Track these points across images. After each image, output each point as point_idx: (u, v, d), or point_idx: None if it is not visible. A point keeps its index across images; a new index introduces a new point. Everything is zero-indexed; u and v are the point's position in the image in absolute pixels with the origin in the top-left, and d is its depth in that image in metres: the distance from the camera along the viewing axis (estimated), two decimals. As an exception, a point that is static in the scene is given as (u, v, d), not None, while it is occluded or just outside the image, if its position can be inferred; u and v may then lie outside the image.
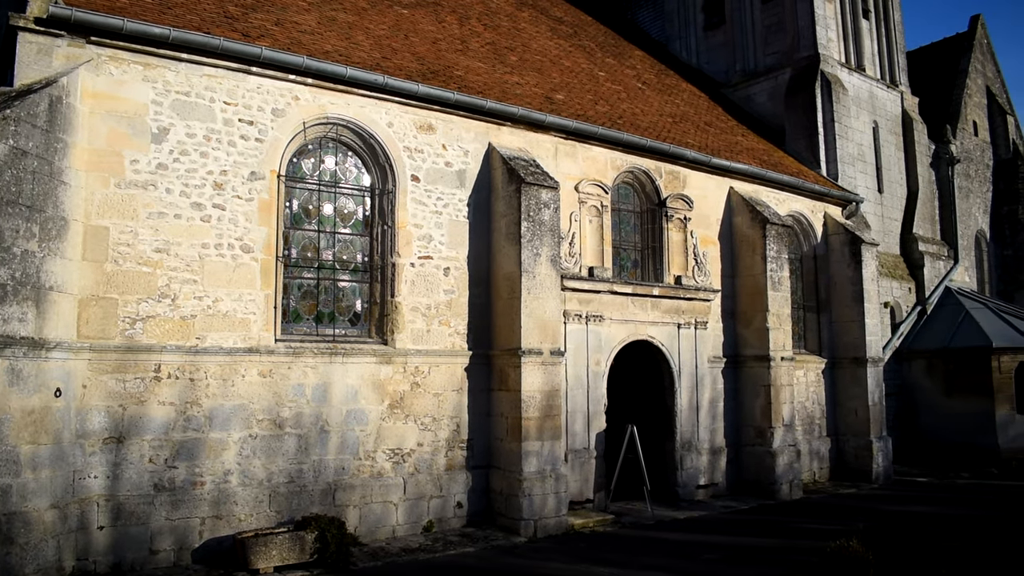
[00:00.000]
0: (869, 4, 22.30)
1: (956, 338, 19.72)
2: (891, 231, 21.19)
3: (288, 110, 10.81)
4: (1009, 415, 18.84)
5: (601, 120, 14.37)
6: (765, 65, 21.45)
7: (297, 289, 11.05)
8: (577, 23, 20.59)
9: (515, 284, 11.98)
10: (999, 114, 26.24)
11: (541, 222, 12.21)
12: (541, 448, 11.76)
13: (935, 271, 21.55)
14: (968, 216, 23.83)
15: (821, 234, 18.12)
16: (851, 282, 17.69)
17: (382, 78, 11.37)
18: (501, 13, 17.95)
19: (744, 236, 15.98)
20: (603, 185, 14.02)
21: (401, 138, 11.84)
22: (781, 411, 15.29)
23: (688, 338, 14.82)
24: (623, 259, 14.76)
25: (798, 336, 17.39)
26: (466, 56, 14.29)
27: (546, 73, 15.65)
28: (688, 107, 18.68)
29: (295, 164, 11.15)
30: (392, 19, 14.22)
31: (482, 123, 12.68)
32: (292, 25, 11.75)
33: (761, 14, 21.77)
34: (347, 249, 11.54)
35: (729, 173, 16.13)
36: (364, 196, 11.75)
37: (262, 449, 10.17)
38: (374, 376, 11.18)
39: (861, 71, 21.27)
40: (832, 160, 19.42)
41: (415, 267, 11.74)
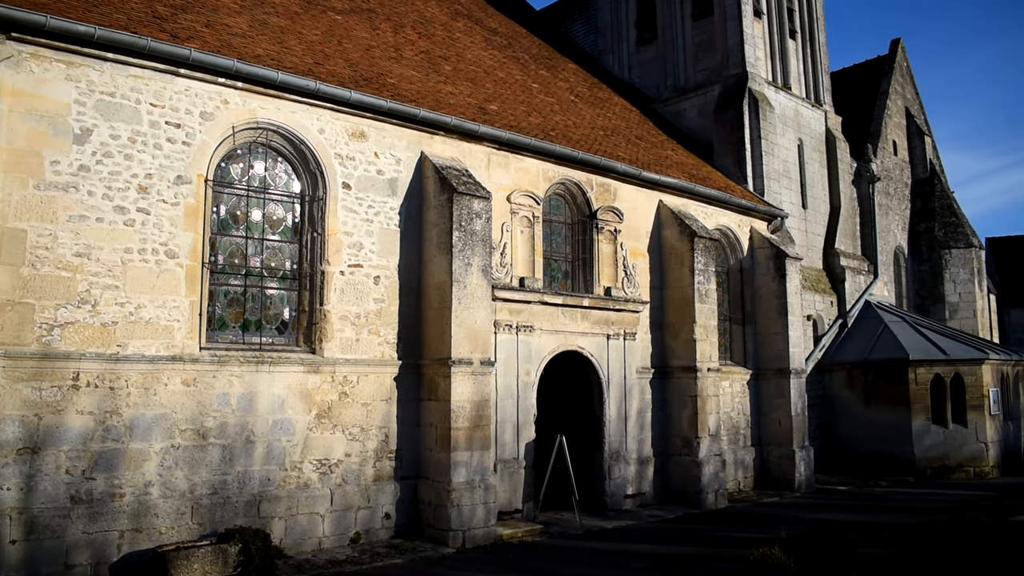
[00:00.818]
0: (795, 25, 22.94)
1: (875, 350, 20.34)
2: (814, 246, 21.77)
3: (217, 114, 10.62)
4: (925, 425, 19.49)
5: (534, 132, 14.46)
6: (695, 81, 21.87)
7: (223, 296, 10.84)
8: (512, 35, 20.71)
9: (446, 294, 11.96)
10: (917, 135, 27.21)
11: (473, 232, 12.22)
12: (470, 458, 11.74)
13: (856, 285, 22.21)
14: (887, 232, 24.62)
15: (747, 248, 18.52)
16: (776, 295, 18.12)
17: (314, 84, 11.26)
18: (436, 22, 17.94)
19: (673, 249, 16.24)
20: (535, 196, 14.10)
21: (333, 145, 11.73)
22: (707, 421, 15.55)
23: (617, 349, 14.98)
24: (554, 270, 14.85)
25: (724, 348, 17.72)
26: (400, 64, 14.24)
27: (480, 83, 15.69)
28: (620, 121, 18.93)
29: (223, 169, 10.95)
30: (325, 25, 14.10)
31: (415, 132, 12.64)
32: (223, 27, 11.56)
33: (692, 31, 22.21)
34: (276, 256, 11.37)
35: (659, 187, 16.38)
36: (294, 203, 11.60)
37: (185, 460, 9.93)
38: (301, 385, 11.02)
39: (787, 90, 21.84)
40: (759, 176, 19.88)
41: (345, 275, 11.63)
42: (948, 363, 19.62)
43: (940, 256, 25.65)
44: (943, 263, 25.59)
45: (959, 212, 26.34)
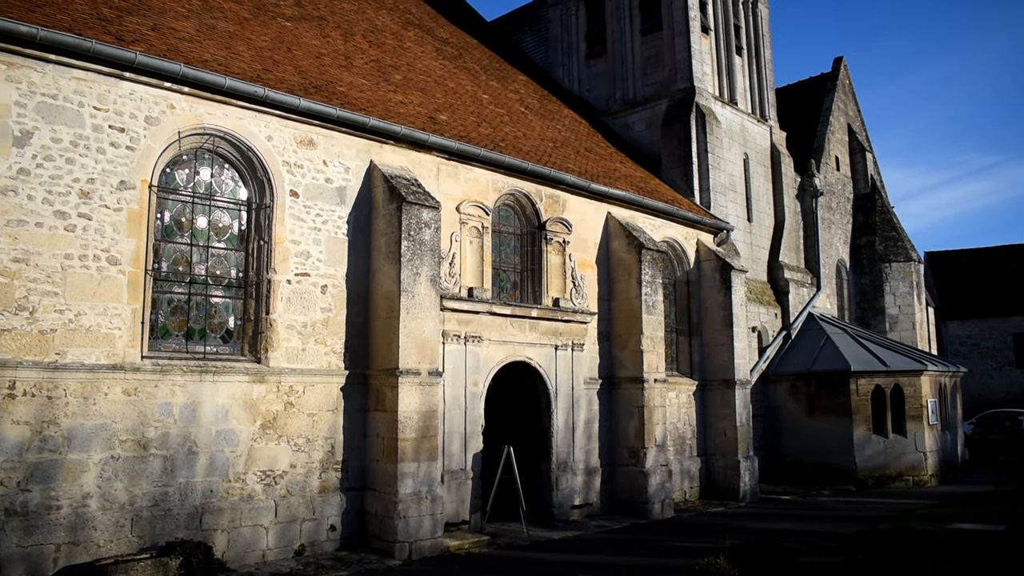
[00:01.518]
0: (742, 42, 23.36)
1: (818, 362, 20.72)
2: (759, 259, 22.12)
3: (163, 118, 10.45)
4: (866, 435, 19.88)
5: (484, 142, 14.49)
6: (644, 95, 22.12)
7: (167, 304, 10.65)
8: (463, 45, 20.74)
9: (394, 303, 11.90)
10: (859, 151, 27.85)
11: (422, 242, 12.19)
12: (417, 469, 11.67)
13: (799, 297, 22.61)
14: (830, 246, 25.12)
15: (694, 260, 18.75)
16: (721, 307, 18.36)
17: (262, 90, 11.15)
18: (387, 31, 17.90)
19: (621, 260, 16.37)
20: (484, 207, 14.12)
21: (281, 152, 11.62)
22: (654, 432, 15.67)
23: (565, 360, 15.04)
24: (503, 280, 14.87)
25: (671, 359, 17.90)
26: (350, 72, 14.18)
27: (430, 93, 15.68)
28: (569, 133, 19.06)
29: (168, 175, 10.77)
30: (275, 31, 13.97)
31: (364, 140, 12.58)
32: (170, 31, 11.39)
33: (641, 46, 22.47)
34: (221, 264, 11.20)
35: (607, 199, 16.52)
36: (240, 210, 11.45)
37: (125, 471, 9.71)
38: (246, 395, 10.86)
39: (734, 105, 22.21)
40: (705, 189, 20.16)
41: (292, 284, 11.50)
42: (888, 374, 20.06)
43: (881, 269, 26.24)
44: (883, 276, 26.18)
45: (899, 227, 27.00)
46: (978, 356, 41.11)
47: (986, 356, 41.33)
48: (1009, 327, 41.12)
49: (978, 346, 41.61)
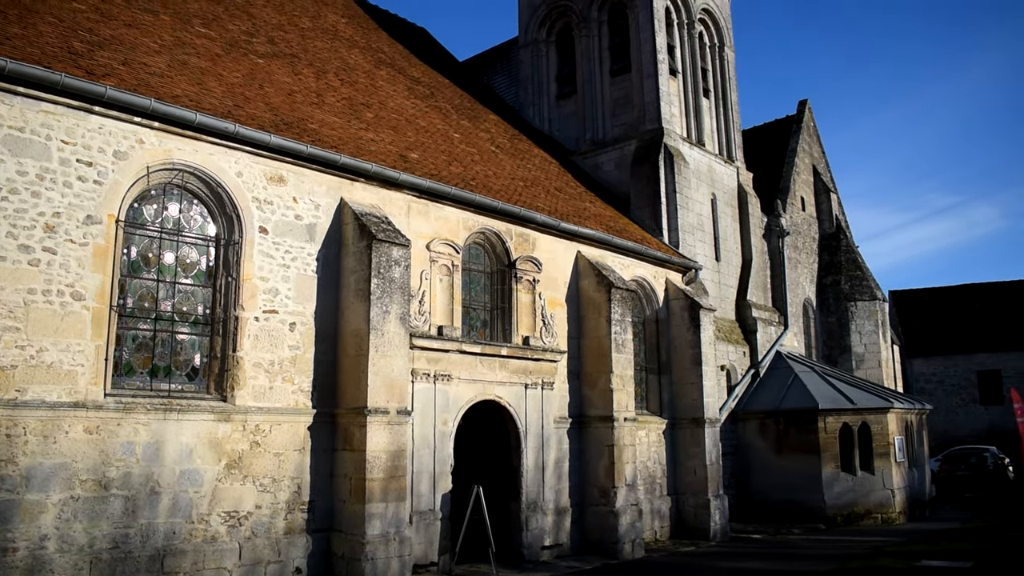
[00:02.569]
0: (709, 84, 23.75)
1: (786, 400, 20.82)
2: (727, 297, 22.30)
3: (131, 153, 10.37)
4: (834, 473, 19.95)
5: (455, 181, 14.53)
6: (613, 136, 22.36)
7: (132, 341, 10.48)
8: (434, 84, 20.89)
9: (363, 341, 11.82)
10: (824, 191, 28.29)
11: (391, 279, 12.15)
12: (385, 510, 11.51)
13: (767, 336, 22.78)
14: (797, 285, 25.39)
15: (663, 299, 18.85)
16: (690, 345, 18.44)
17: (233, 126, 11.12)
18: (359, 70, 17.99)
19: (590, 299, 16.42)
20: (455, 245, 14.13)
21: (250, 188, 11.56)
22: (624, 471, 15.62)
23: (535, 398, 14.99)
24: (473, 319, 14.84)
25: (641, 397, 17.90)
26: (321, 110, 14.20)
27: (402, 131, 15.74)
28: (539, 172, 19.19)
29: (136, 209, 10.67)
30: (247, 68, 13.99)
31: (335, 178, 12.57)
32: (140, 66, 11.36)
33: (610, 87, 22.77)
34: (188, 300, 11.07)
35: (577, 237, 16.60)
36: (209, 246, 11.35)
37: (84, 512, 9.48)
38: (211, 434, 10.68)
39: (701, 146, 22.51)
40: (674, 228, 20.33)
41: (259, 321, 11.39)
42: (856, 412, 20.20)
43: (846, 308, 26.54)
44: (849, 315, 26.47)
45: (864, 266, 27.37)
46: (943, 393, 41.63)
47: (951, 393, 41.86)
48: (973, 364, 41.73)
49: (943, 383, 42.16)
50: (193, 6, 15.19)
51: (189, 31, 13.98)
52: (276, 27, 17.11)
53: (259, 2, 17.89)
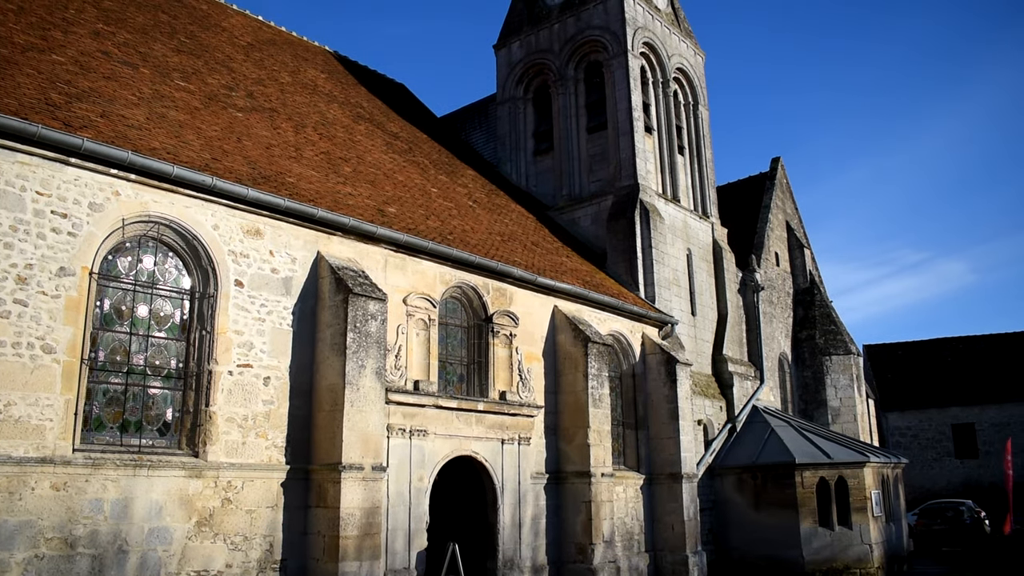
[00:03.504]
0: (684, 141, 24.12)
1: (763, 454, 20.77)
2: (703, 352, 22.35)
3: (107, 205, 10.32)
4: (812, 528, 19.83)
5: (432, 235, 14.57)
6: (590, 191, 22.57)
7: (102, 395, 10.31)
8: (413, 140, 21.05)
9: (338, 396, 11.70)
10: (797, 247, 28.61)
11: (368, 334, 12.09)
12: (359, 568, 11.29)
13: (743, 390, 22.80)
14: (772, 339, 25.51)
15: (639, 353, 18.87)
16: (667, 400, 18.41)
17: (210, 179, 11.12)
18: (338, 124, 18.11)
19: (567, 354, 16.40)
20: (431, 299, 14.11)
21: (227, 241, 11.52)
22: (601, 528, 15.45)
23: (512, 454, 14.86)
24: (449, 373, 14.76)
25: (618, 452, 17.80)
26: (299, 164, 14.25)
27: (379, 186, 15.80)
28: (516, 227, 19.29)
29: (110, 262, 10.58)
30: (226, 121, 14.04)
31: (312, 231, 12.56)
32: (119, 118, 11.37)
33: (587, 144, 23.06)
34: (161, 354, 10.94)
35: (554, 292, 16.64)
36: (183, 299, 11.26)
37: (50, 571, 9.20)
38: (182, 491, 10.47)
39: (676, 202, 22.76)
40: (650, 283, 20.44)
41: (233, 375, 11.26)
42: (832, 466, 20.17)
43: (821, 362, 26.66)
44: (824, 369, 26.59)
45: (838, 321, 27.58)
46: (918, 447, 41.74)
47: (926, 447, 41.98)
48: (947, 418, 41.94)
49: (918, 437, 42.30)
50: (173, 60, 15.29)
51: (168, 84, 14.05)
52: (256, 81, 17.24)
53: (239, 57, 18.05)
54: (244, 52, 18.62)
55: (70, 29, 13.67)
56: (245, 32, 20.04)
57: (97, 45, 13.74)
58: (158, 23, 16.67)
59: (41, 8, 13.78)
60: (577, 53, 23.63)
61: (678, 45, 24.63)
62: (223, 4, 20.84)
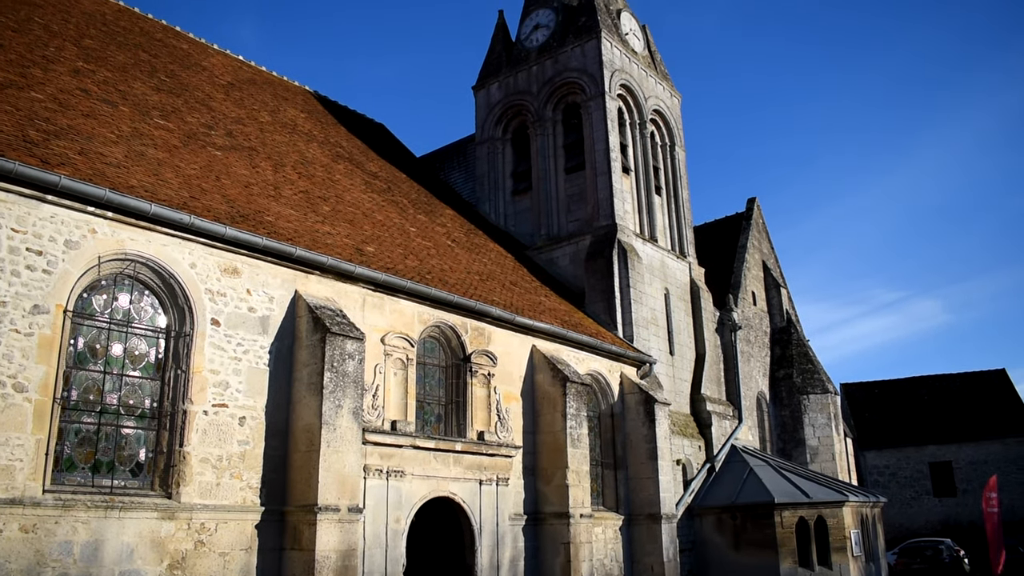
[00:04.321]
0: (661, 182, 24.35)
1: (742, 494, 20.72)
2: (682, 391, 22.36)
3: (83, 243, 10.25)
4: (792, 568, 19.73)
5: (410, 274, 14.57)
6: (568, 231, 22.70)
7: (74, 435, 10.15)
8: (392, 179, 21.12)
9: (314, 436, 11.59)
10: (774, 286, 28.84)
11: (345, 373, 12.01)
12: (334, 611, 11.10)
13: (722, 430, 22.80)
14: (750, 378, 25.59)
15: (618, 393, 18.85)
16: (646, 440, 18.37)
17: (188, 217, 11.08)
18: (317, 163, 18.15)
19: (546, 393, 16.36)
20: (409, 338, 14.06)
21: (204, 280, 11.46)
22: (580, 570, 15.31)
23: (490, 495, 14.74)
24: (427, 413, 14.67)
25: (597, 493, 17.70)
26: (278, 203, 14.24)
27: (358, 225, 15.81)
28: (495, 266, 19.32)
29: (85, 299, 10.48)
30: (205, 160, 14.04)
31: (290, 270, 12.52)
32: (97, 156, 11.34)
33: (565, 184, 23.23)
34: (135, 393, 10.80)
35: (532, 331, 16.63)
36: (159, 338, 11.16)
37: (15, 617, 8.98)
38: (154, 533, 10.28)
39: (654, 242, 22.92)
40: (628, 323, 20.49)
41: (208, 415, 11.13)
42: (811, 506, 20.15)
43: (799, 401, 26.75)
44: (802, 408, 26.67)
45: (815, 359, 27.73)
46: (896, 486, 41.85)
47: (904, 486, 42.09)
48: (925, 456, 42.14)
49: (896, 476, 42.43)
50: (153, 99, 15.31)
51: (148, 123, 14.05)
52: (235, 120, 17.28)
53: (219, 96, 18.10)
54: (224, 91, 18.69)
55: (50, 67, 13.68)
56: (226, 71, 20.13)
57: (77, 83, 13.75)
58: (138, 62, 16.72)
59: (21, 46, 13.80)
60: (555, 95, 23.90)
61: (655, 87, 24.98)
62: (204, 44, 20.95)
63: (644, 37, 26.22)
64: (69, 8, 17.08)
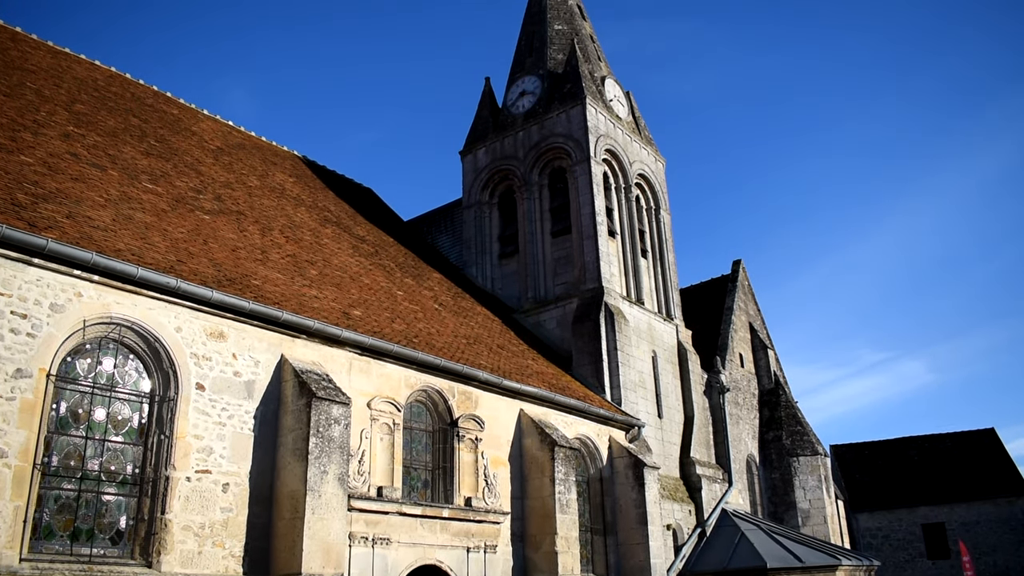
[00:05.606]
0: (647, 244, 24.54)
1: (734, 559, 20.42)
2: (671, 455, 22.20)
3: (68, 306, 10.20)
4: (784, 638, 19.39)
5: (397, 338, 14.53)
6: (555, 294, 22.76)
7: (54, 501, 9.96)
8: (379, 243, 21.21)
9: (299, 503, 11.40)
10: (761, 348, 28.87)
11: (330, 439, 11.88)
12: None
13: (712, 493, 22.59)
14: (739, 441, 25.45)
15: (607, 457, 18.69)
16: (636, 504, 18.16)
17: (175, 281, 11.06)
18: (304, 227, 18.22)
19: (534, 458, 16.20)
20: (396, 403, 13.96)
21: (189, 344, 11.38)
22: (570, 638, 14.98)
23: (477, 562, 14.49)
24: (414, 479, 14.49)
25: (586, 559, 17.43)
26: (265, 266, 14.25)
27: (345, 289, 15.81)
28: (482, 329, 19.30)
29: (69, 363, 10.38)
30: (193, 224, 14.08)
31: (276, 334, 12.47)
32: (85, 220, 11.36)
33: (551, 247, 23.38)
34: (117, 459, 10.63)
35: (520, 395, 16.54)
36: (142, 402, 11.03)
37: None
38: (133, 604, 10.03)
39: (641, 304, 22.99)
40: (616, 385, 20.42)
41: (191, 482, 10.95)
42: (804, 571, 19.85)
43: (789, 464, 26.58)
44: (792, 470, 26.49)
45: (804, 421, 27.64)
46: (890, 548, 41.34)
47: (897, 548, 41.59)
48: (917, 518, 41.73)
49: (889, 538, 41.95)
50: (142, 163, 15.41)
51: (136, 186, 14.12)
52: (224, 184, 17.38)
53: (208, 160, 18.24)
54: (213, 156, 18.84)
55: (40, 131, 13.79)
56: (215, 136, 20.32)
57: (67, 147, 13.84)
58: (129, 127, 16.87)
59: (12, 111, 13.92)
60: (541, 159, 24.20)
61: (639, 152, 25.34)
62: (194, 109, 21.18)
63: (628, 103, 26.70)
64: (61, 74, 17.28)
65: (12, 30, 18.03)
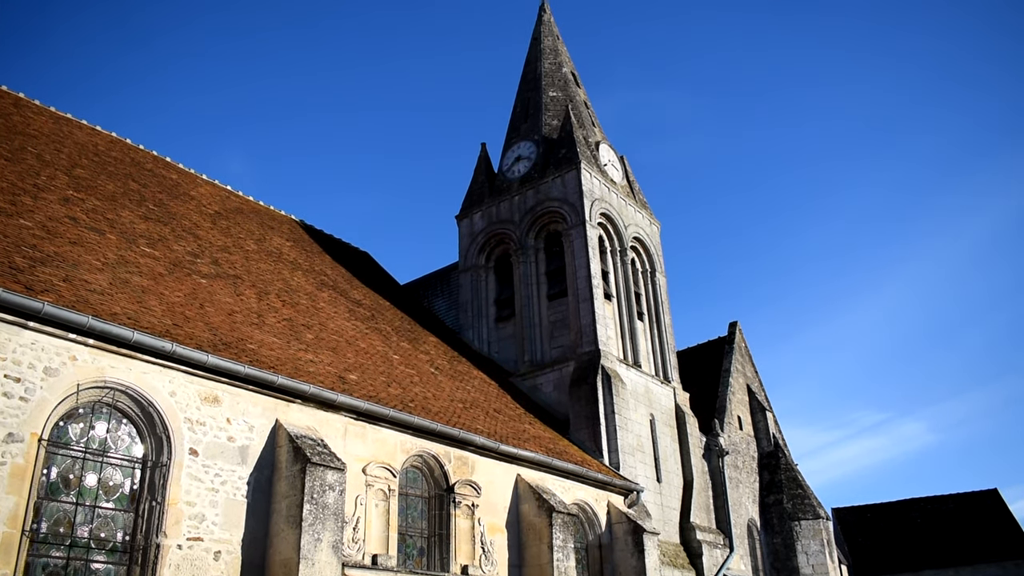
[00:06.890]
0: (643, 307, 24.57)
1: (734, 630, 20.02)
2: (670, 520, 21.89)
3: (62, 370, 10.13)
4: None
5: (393, 402, 14.42)
6: (551, 357, 22.69)
7: (42, 569, 9.75)
8: (376, 307, 21.21)
9: (292, 572, 11.17)
10: (759, 410, 28.68)
11: (325, 505, 11.71)
12: None
13: (713, 559, 22.21)
14: (740, 505, 25.13)
15: (605, 523, 18.42)
16: (635, 571, 17.83)
17: (170, 345, 11.01)
18: (301, 291, 18.24)
19: (531, 524, 15.96)
20: (392, 468, 13.80)
21: (183, 409, 11.29)
22: None
23: (474, 631, 14.16)
24: (409, 546, 14.25)
25: (585, 629, 17.05)
26: (261, 330, 14.22)
27: (341, 353, 15.75)
28: (479, 393, 19.19)
29: (61, 428, 10.27)
30: (189, 287, 14.08)
31: (271, 398, 12.37)
32: (81, 283, 11.36)
33: (548, 311, 23.39)
34: (107, 526, 10.45)
35: (517, 460, 16.36)
36: (135, 468, 10.89)
37: None
38: (120, 677, 9.76)
39: (638, 367, 22.91)
40: (614, 449, 20.23)
41: (182, 549, 10.75)
42: (806, 643, 19.46)
43: (791, 528, 26.19)
44: (794, 535, 26.09)
45: (804, 484, 27.32)
46: (895, 612, 40.59)
47: (904, 613, 40.82)
48: (922, 582, 41.02)
49: (895, 603, 41.17)
50: (140, 227, 15.49)
51: (134, 250, 14.16)
52: (221, 249, 17.44)
53: (206, 224, 18.33)
54: (211, 220, 18.94)
55: (40, 195, 13.88)
56: (213, 201, 20.46)
57: (66, 211, 13.92)
58: (127, 191, 16.99)
59: (13, 175, 14.03)
60: (537, 223, 24.36)
61: (634, 215, 25.54)
62: (193, 174, 21.37)
63: (622, 167, 27.00)
64: (62, 139, 17.48)
65: (15, 95, 18.29)
